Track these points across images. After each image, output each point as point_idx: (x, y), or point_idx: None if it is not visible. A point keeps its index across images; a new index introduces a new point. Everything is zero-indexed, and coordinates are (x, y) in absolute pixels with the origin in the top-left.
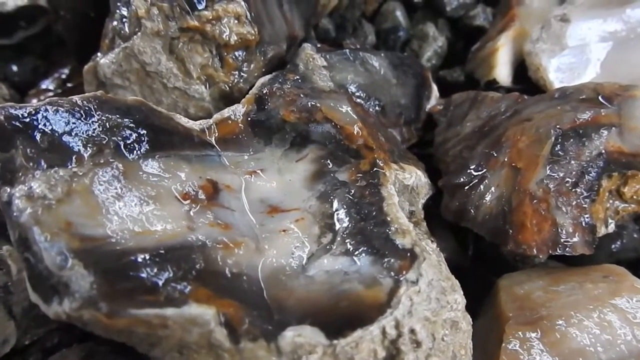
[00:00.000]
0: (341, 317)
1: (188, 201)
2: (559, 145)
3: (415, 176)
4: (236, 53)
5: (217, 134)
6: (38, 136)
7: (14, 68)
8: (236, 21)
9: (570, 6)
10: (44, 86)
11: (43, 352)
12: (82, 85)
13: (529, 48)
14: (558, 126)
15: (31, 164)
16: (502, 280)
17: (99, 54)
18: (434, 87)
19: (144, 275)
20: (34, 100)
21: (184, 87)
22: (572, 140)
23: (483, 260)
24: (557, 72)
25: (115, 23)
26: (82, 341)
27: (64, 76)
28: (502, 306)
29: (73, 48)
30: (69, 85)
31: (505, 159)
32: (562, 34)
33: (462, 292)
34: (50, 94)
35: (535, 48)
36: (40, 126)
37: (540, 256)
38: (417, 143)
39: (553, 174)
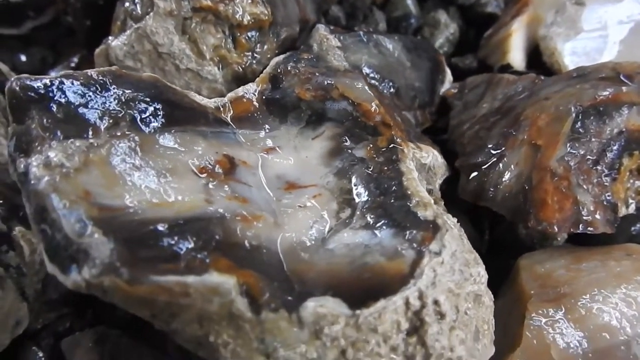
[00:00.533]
0: (364, 288)
1: (205, 175)
2: (579, 123)
3: (432, 156)
4: (249, 34)
5: (231, 112)
6: (54, 107)
7: (22, 58)
8: (249, 1)
9: None
10: (53, 74)
11: (55, 336)
12: None
13: (543, 32)
14: (578, 103)
15: (47, 134)
16: (522, 259)
17: (110, 37)
18: (448, 71)
19: (164, 244)
20: None
21: (197, 68)
22: (592, 117)
23: (499, 245)
24: (572, 56)
25: (127, 4)
26: (94, 326)
27: (73, 65)
28: (524, 284)
29: (82, 36)
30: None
31: (525, 137)
32: (577, 18)
33: (484, 266)
34: None
35: (550, 32)
36: (56, 97)
37: (559, 238)
38: (430, 129)
39: (574, 152)
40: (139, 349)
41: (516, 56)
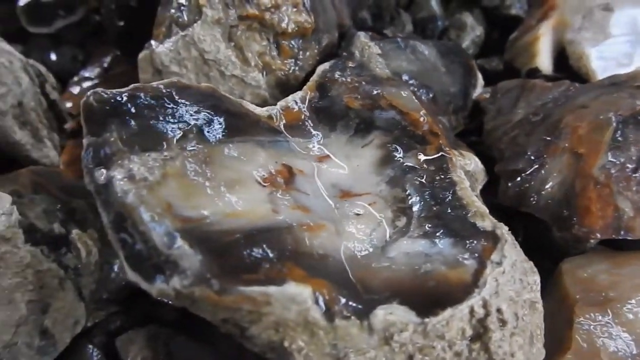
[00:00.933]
0: (429, 296)
1: (268, 184)
2: (619, 132)
3: (474, 162)
4: (292, 41)
5: (284, 121)
6: (130, 120)
7: (53, 57)
8: (294, 9)
9: None
10: (86, 74)
11: (107, 334)
12: (124, 73)
13: (571, 37)
14: (619, 113)
15: (127, 147)
16: (564, 264)
17: (152, 42)
18: (479, 76)
19: (244, 254)
20: (77, 88)
21: (242, 74)
22: (631, 126)
23: (532, 248)
24: (599, 61)
25: (172, 11)
26: (143, 324)
27: (105, 65)
28: (568, 289)
29: (114, 37)
30: (110, 73)
31: (566, 145)
32: (605, 23)
33: (539, 275)
34: (91, 82)
35: (578, 37)
36: (131, 110)
37: (591, 241)
38: (461, 131)
39: (614, 160)
40: (192, 346)
41: (544, 60)
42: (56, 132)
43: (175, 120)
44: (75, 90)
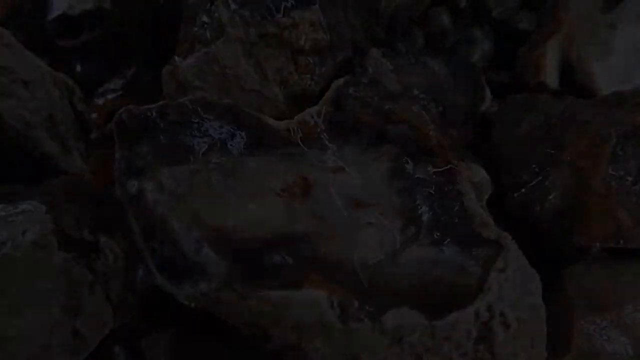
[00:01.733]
0: (437, 300)
1: (286, 195)
2: (619, 146)
3: (480, 174)
4: (309, 57)
5: (300, 134)
6: (159, 135)
7: (79, 68)
8: (311, 28)
9: (619, 11)
10: (111, 86)
11: (133, 335)
12: (147, 86)
13: (577, 52)
14: (619, 127)
15: (156, 160)
16: (566, 270)
17: (176, 57)
18: (487, 90)
19: (265, 261)
20: (102, 99)
21: (260, 89)
22: (631, 141)
23: (538, 255)
24: (604, 76)
25: (195, 29)
26: (166, 326)
27: (129, 77)
28: (570, 294)
29: (136, 49)
30: (134, 85)
31: (568, 159)
32: (610, 39)
33: (540, 281)
34: (115, 94)
35: (583, 52)
36: (160, 126)
37: (592, 250)
38: (470, 143)
39: (614, 173)
40: (213, 349)
41: (550, 74)
42: (83, 141)
43: (201, 135)
44: (100, 101)
